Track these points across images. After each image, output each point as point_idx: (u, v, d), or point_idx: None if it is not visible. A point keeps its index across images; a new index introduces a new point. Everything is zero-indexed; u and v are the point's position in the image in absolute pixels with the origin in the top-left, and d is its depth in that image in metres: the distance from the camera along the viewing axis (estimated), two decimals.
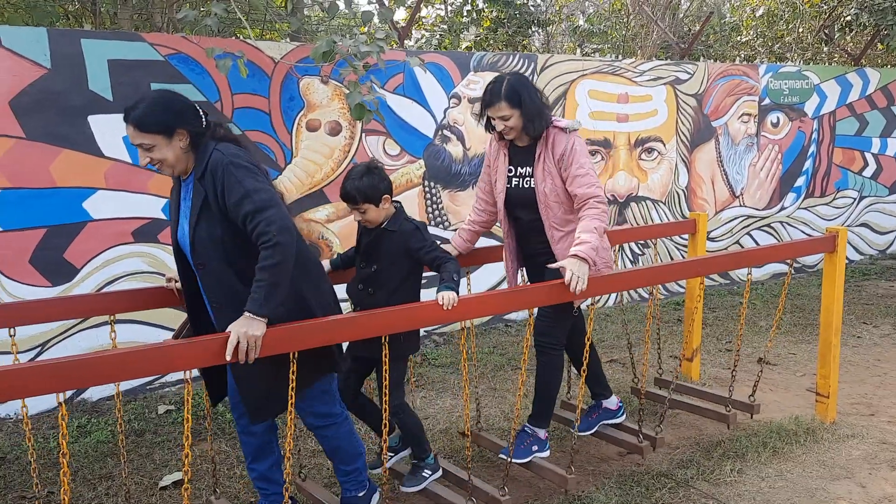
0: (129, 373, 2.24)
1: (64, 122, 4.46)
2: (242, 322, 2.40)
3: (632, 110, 7.02)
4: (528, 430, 3.56)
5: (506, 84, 3.23)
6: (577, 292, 2.99)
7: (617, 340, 5.91)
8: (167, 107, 2.54)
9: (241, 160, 2.55)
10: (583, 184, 3.21)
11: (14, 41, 4.29)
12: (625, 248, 7.20)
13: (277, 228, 2.46)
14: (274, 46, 5.20)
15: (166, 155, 2.55)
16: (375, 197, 3.01)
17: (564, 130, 3.29)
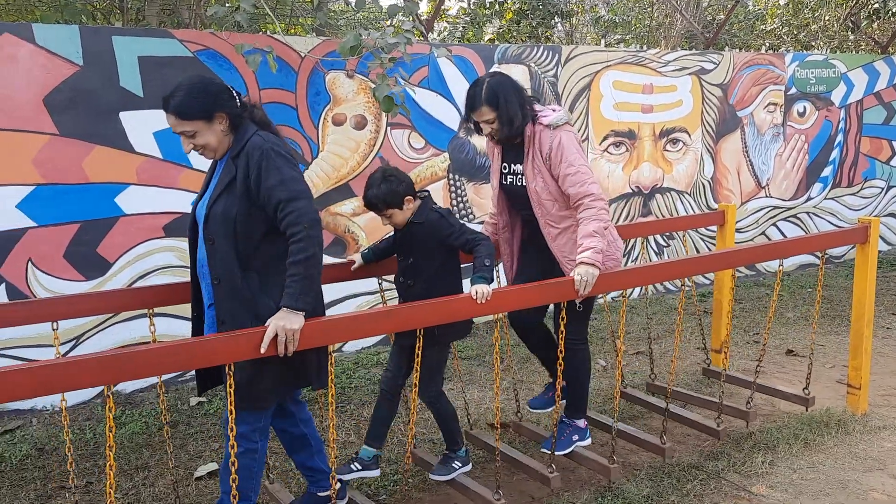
0: (172, 366, 2.28)
1: (96, 119, 4.52)
2: (281, 315, 2.43)
3: (656, 101, 6.99)
4: (566, 421, 3.59)
5: (485, 87, 3.19)
6: (583, 293, 3.03)
7: (642, 332, 5.90)
8: (205, 91, 2.57)
9: (281, 149, 2.60)
10: (574, 182, 3.14)
11: (47, 39, 4.35)
12: (650, 239, 7.17)
13: (309, 221, 2.49)
14: (301, 41, 5.24)
15: (209, 139, 2.59)
16: (397, 202, 3.05)
17: (549, 127, 3.21)
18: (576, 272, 3.03)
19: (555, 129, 3.19)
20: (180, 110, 2.53)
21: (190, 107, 2.53)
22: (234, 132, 2.64)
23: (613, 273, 3.24)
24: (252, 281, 2.60)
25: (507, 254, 3.60)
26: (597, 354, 5.43)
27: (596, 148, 6.70)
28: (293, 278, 2.47)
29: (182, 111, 2.53)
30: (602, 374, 5.04)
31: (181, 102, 2.53)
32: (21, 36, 4.28)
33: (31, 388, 2.06)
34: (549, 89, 6.37)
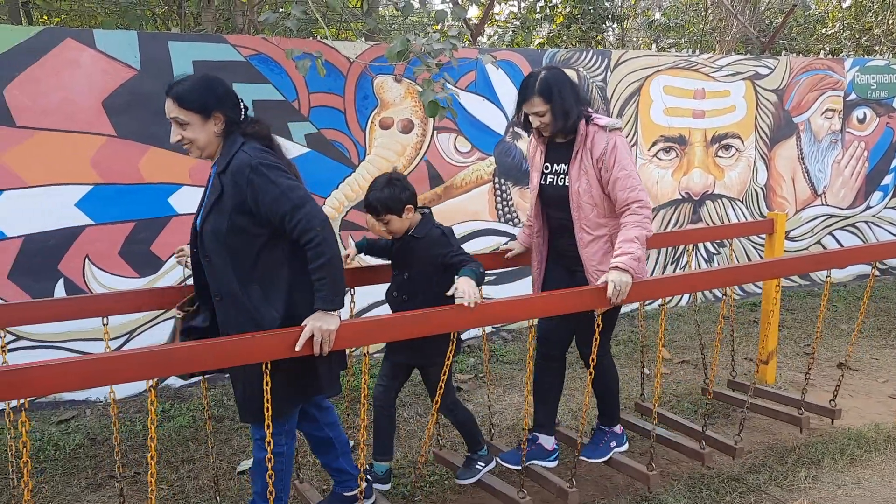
0: (210, 363, 2.35)
1: (151, 121, 4.68)
2: (317, 316, 2.46)
3: (708, 106, 6.88)
4: (603, 429, 3.59)
5: (540, 79, 3.14)
6: (616, 301, 2.94)
7: (689, 341, 5.82)
8: (210, 88, 2.56)
9: (269, 160, 2.53)
10: (625, 187, 3.08)
11: (107, 44, 4.52)
12: (700, 247, 7.07)
13: (319, 224, 2.48)
14: (349, 46, 5.32)
15: (198, 135, 2.56)
16: (398, 208, 3.02)
17: (605, 129, 3.16)
18: (609, 277, 2.94)
19: (610, 132, 3.15)
20: (181, 97, 2.52)
21: (191, 96, 2.52)
22: (225, 140, 2.61)
23: (647, 281, 3.17)
24: (254, 293, 2.57)
25: (536, 260, 3.52)
26: (640, 362, 5.36)
27: (645, 153, 6.63)
28: (321, 282, 2.48)
29: (182, 98, 2.52)
30: (647, 382, 4.98)
31: (185, 90, 2.52)
32: (83, 41, 4.46)
33: (78, 381, 2.15)
34: (598, 94, 6.33)
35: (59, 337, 4.54)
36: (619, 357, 5.47)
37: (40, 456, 3.95)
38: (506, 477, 3.47)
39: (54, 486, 3.68)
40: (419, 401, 4.67)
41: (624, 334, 6.05)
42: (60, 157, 4.45)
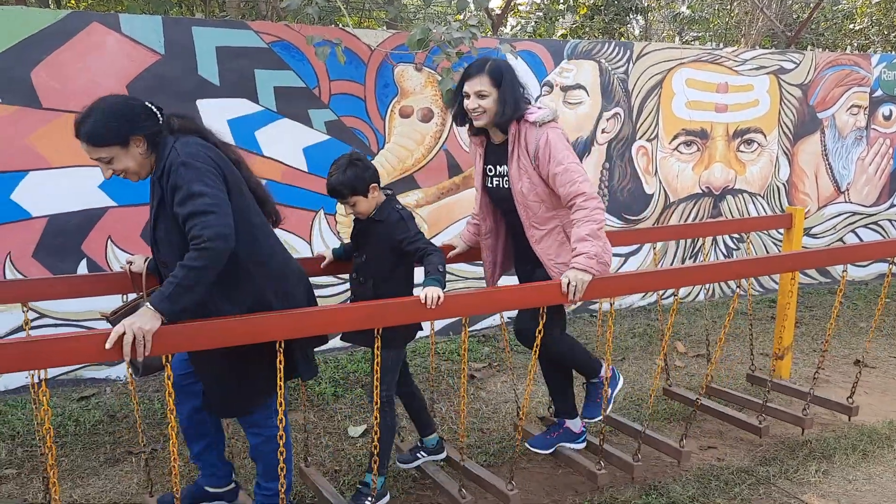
0: (221, 340, 2.40)
1: (174, 106, 4.67)
2: (139, 312, 2.27)
3: (731, 100, 6.83)
4: (558, 423, 3.58)
5: (492, 62, 3.06)
6: (573, 299, 2.88)
7: (705, 335, 5.80)
8: (118, 115, 2.43)
9: (194, 160, 2.43)
10: (564, 182, 2.97)
11: (132, 29, 4.59)
12: (718, 241, 7.03)
13: (211, 234, 2.34)
14: (371, 34, 5.35)
15: (127, 164, 2.47)
16: (362, 188, 2.93)
17: (535, 125, 3.03)
18: (567, 276, 2.88)
19: (541, 127, 3.02)
20: (91, 137, 2.41)
21: (102, 133, 2.40)
22: (155, 150, 2.51)
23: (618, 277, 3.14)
24: (214, 294, 2.51)
25: (488, 261, 3.43)
26: (655, 354, 5.37)
27: (666, 147, 6.60)
28: (172, 278, 2.33)
29: (94, 138, 2.41)
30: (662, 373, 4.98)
31: (92, 129, 2.40)
32: (108, 25, 4.53)
33: (96, 354, 2.22)
34: (620, 86, 6.31)
35: (79, 315, 4.63)
36: (633, 349, 5.48)
37: (61, 431, 4.05)
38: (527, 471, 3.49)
39: (74, 460, 3.76)
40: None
41: (640, 327, 6.05)
42: None
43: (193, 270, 2.32)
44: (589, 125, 6.22)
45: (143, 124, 2.46)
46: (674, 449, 3.42)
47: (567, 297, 2.88)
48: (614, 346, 5.42)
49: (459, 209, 5.71)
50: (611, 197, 6.42)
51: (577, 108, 6.14)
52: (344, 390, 4.68)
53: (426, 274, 2.79)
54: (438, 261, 2.85)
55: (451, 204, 5.70)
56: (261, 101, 4.99)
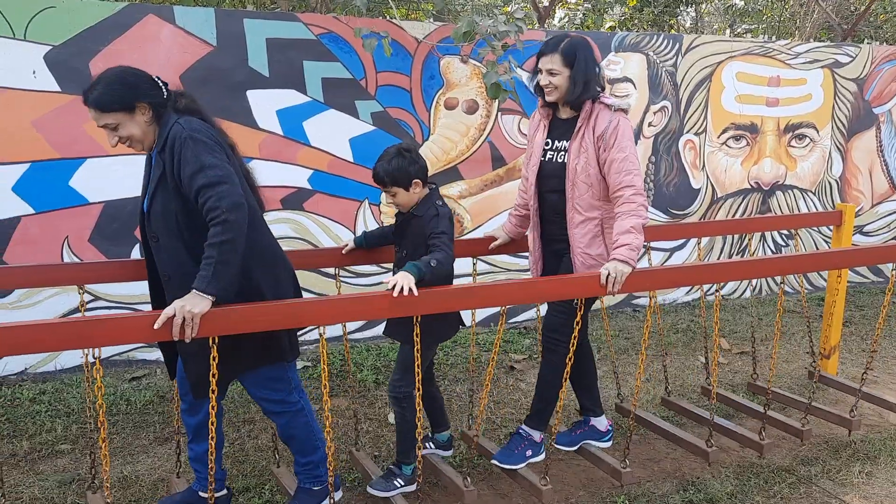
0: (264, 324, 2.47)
1: (226, 96, 4.86)
2: (187, 297, 2.33)
3: (783, 94, 6.70)
4: (523, 433, 3.32)
5: (567, 41, 3.06)
6: (613, 290, 2.84)
7: (750, 332, 5.73)
8: (124, 83, 2.51)
9: (200, 135, 2.49)
10: (620, 170, 2.97)
11: (186, 20, 4.71)
12: (767, 238, 6.92)
13: (228, 205, 2.38)
14: (418, 26, 5.39)
15: (132, 131, 2.53)
16: (405, 180, 2.91)
17: (610, 108, 3.05)
18: (606, 266, 2.86)
19: (615, 112, 3.05)
20: (100, 103, 2.48)
21: (109, 99, 2.47)
22: (158, 123, 2.57)
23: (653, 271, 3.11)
24: None
25: (533, 247, 3.38)
26: (698, 351, 5.32)
27: (714, 141, 6.51)
28: (207, 261, 2.37)
29: (101, 104, 2.48)
30: (701, 371, 4.94)
31: (100, 95, 2.47)
32: (163, 17, 4.65)
33: (146, 335, 2.31)
34: (668, 79, 6.24)
35: (132, 298, 4.79)
36: (676, 345, 5.43)
37: (113, 409, 4.20)
38: (565, 461, 3.51)
39: (125, 438, 3.91)
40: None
41: (683, 323, 5.99)
42: None
43: (224, 245, 2.37)
44: (635, 118, 6.17)
45: (148, 92, 2.53)
46: (700, 450, 3.38)
47: (605, 289, 2.84)
48: (657, 342, 5.39)
49: (503, 201, 5.72)
50: (656, 191, 6.36)
51: (623, 100, 6.08)
52: (385, 378, 4.75)
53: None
54: (439, 256, 2.79)
55: (494, 196, 5.72)
56: (309, 92, 5.07)
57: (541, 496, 3.03)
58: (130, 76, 2.55)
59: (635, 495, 3.32)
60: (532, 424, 3.33)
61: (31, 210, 4.53)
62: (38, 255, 4.54)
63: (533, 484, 3.08)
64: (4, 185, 4.44)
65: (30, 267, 3.12)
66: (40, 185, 4.52)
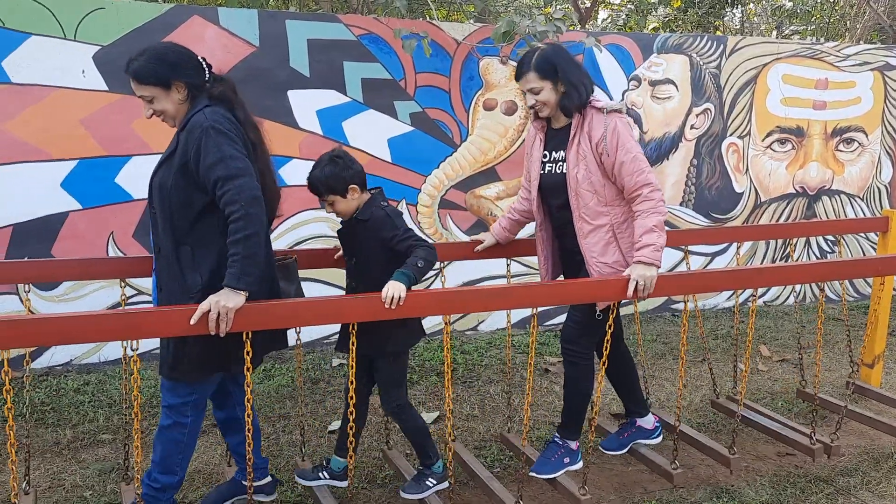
0: (306, 320, 2.53)
1: (268, 96, 4.93)
2: (221, 292, 2.36)
3: (831, 97, 6.55)
4: (558, 441, 3.26)
5: (538, 54, 2.94)
6: (643, 295, 2.76)
7: (791, 340, 5.62)
8: (163, 59, 2.55)
9: (222, 126, 2.49)
10: (632, 171, 2.86)
11: (230, 21, 4.79)
12: (812, 243, 6.77)
13: (247, 199, 2.40)
14: (457, 27, 5.41)
15: (166, 107, 2.57)
16: (340, 188, 2.81)
17: (602, 111, 2.93)
18: (633, 272, 2.78)
19: (609, 114, 2.92)
20: (139, 74, 2.54)
21: (148, 72, 2.53)
22: (191, 105, 2.59)
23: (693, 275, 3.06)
24: (184, 255, 2.55)
25: (542, 254, 3.31)
26: (738, 357, 5.23)
27: (758, 144, 6.40)
28: (234, 258, 2.39)
29: (140, 75, 2.54)
30: (741, 378, 4.86)
31: (141, 67, 2.53)
32: (208, 18, 4.75)
33: (183, 328, 2.36)
34: (711, 81, 6.16)
35: None
36: (715, 351, 5.35)
37: (153, 401, 4.29)
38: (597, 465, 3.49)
39: None
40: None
41: (723, 329, 5.90)
42: None
43: (247, 240, 2.39)
44: (677, 121, 6.10)
45: (187, 72, 2.57)
46: (722, 457, 3.31)
47: (633, 294, 2.77)
48: (695, 347, 5.31)
49: None
50: (698, 194, 6.27)
51: (665, 102, 6.03)
52: (419, 377, 4.78)
53: (404, 265, 2.66)
54: (423, 255, 2.71)
55: None
56: (349, 93, 5.13)
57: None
58: (173, 54, 2.59)
59: (667, 501, 3.28)
60: (566, 434, 3.27)
61: (79, 206, 4.66)
62: (84, 249, 4.67)
63: (572, 493, 3.04)
64: (54, 181, 4.58)
65: (75, 260, 3.22)
66: (88, 182, 4.65)
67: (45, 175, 4.53)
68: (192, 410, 2.70)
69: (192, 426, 2.72)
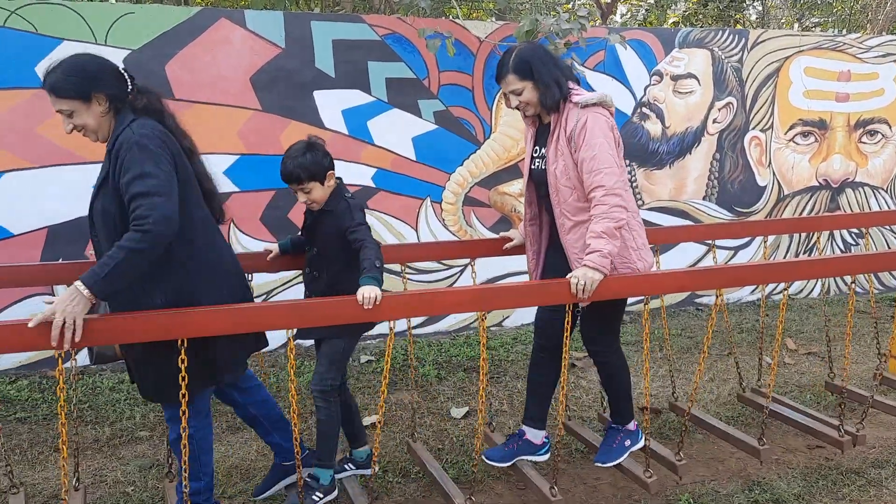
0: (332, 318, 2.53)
1: (293, 96, 4.99)
2: (69, 291, 2.19)
3: (853, 89, 6.53)
4: (616, 427, 3.30)
5: (514, 55, 2.92)
6: (583, 297, 2.70)
7: (818, 333, 5.62)
8: (83, 70, 2.43)
9: (148, 141, 2.40)
10: (590, 170, 2.79)
11: (256, 24, 4.86)
12: (836, 236, 6.75)
13: (157, 216, 2.29)
14: (480, 26, 5.44)
15: (87, 121, 2.45)
16: (320, 173, 2.81)
17: (577, 105, 2.86)
18: (575, 273, 2.73)
19: (584, 108, 2.85)
20: (55, 88, 2.41)
21: (65, 85, 2.41)
22: (116, 117, 2.49)
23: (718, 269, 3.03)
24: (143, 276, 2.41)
25: (531, 251, 3.29)
26: (764, 351, 5.23)
27: (780, 137, 6.39)
28: (108, 259, 2.25)
29: (57, 88, 2.41)
30: (766, 372, 4.87)
31: (58, 80, 2.41)
32: (235, 21, 4.82)
33: (231, 326, 2.40)
34: (733, 75, 6.15)
35: None
36: (741, 345, 5.37)
37: None
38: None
39: None
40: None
41: (748, 322, 5.91)
42: (212, 129, 4.85)
43: (132, 252, 2.26)
44: (699, 115, 6.10)
45: (107, 84, 2.46)
46: (752, 448, 3.32)
47: (575, 297, 2.71)
48: (720, 340, 5.33)
49: None
50: (721, 188, 6.27)
51: (687, 97, 6.04)
52: (447, 373, 4.83)
53: (362, 271, 2.62)
54: (374, 256, 2.69)
55: None
56: (373, 92, 5.18)
57: (647, 488, 3.06)
58: (92, 65, 2.47)
59: (699, 493, 3.31)
60: (619, 420, 3.29)
61: None
62: None
63: (638, 476, 3.11)
64: (87, 183, 4.60)
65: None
66: None
67: (79, 177, 4.61)
68: (193, 420, 2.63)
69: (199, 434, 2.69)
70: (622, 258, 2.92)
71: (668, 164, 6.06)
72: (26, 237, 4.57)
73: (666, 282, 3.00)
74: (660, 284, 3.01)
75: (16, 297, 4.58)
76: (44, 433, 3.96)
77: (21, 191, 4.52)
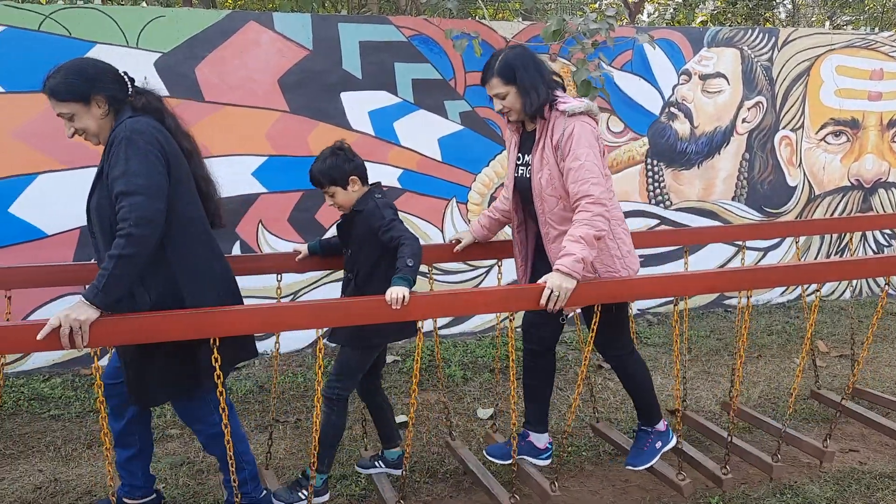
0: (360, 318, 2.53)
1: (321, 98, 5.03)
2: (72, 305, 2.24)
3: (886, 88, 6.43)
4: (646, 429, 3.26)
5: (500, 58, 2.87)
6: (551, 308, 2.62)
7: (847, 335, 5.53)
8: (81, 73, 2.46)
9: (140, 138, 2.40)
10: (576, 179, 2.74)
11: (284, 26, 4.90)
12: (868, 237, 6.65)
13: (136, 218, 2.29)
14: (506, 26, 5.44)
15: (87, 124, 2.48)
16: (342, 179, 2.85)
17: (564, 113, 2.82)
18: (549, 280, 2.62)
19: (570, 117, 2.81)
20: (55, 91, 2.44)
21: (65, 88, 2.44)
22: (115, 120, 2.51)
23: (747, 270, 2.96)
24: None
25: (520, 256, 3.24)
26: (793, 353, 5.18)
27: (812, 137, 6.30)
28: (102, 271, 2.27)
29: (57, 92, 2.44)
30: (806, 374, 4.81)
31: (57, 83, 2.44)
32: (263, 24, 4.86)
33: (259, 325, 2.42)
34: (763, 74, 6.09)
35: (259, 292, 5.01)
36: (770, 347, 5.31)
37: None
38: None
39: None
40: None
41: (778, 324, 5.84)
42: (241, 130, 4.89)
43: (122, 259, 2.27)
44: (728, 115, 6.04)
45: (106, 85, 2.48)
46: (817, 449, 3.29)
47: (545, 304, 2.62)
48: (750, 343, 5.27)
49: None
50: (750, 189, 6.21)
51: (716, 97, 5.98)
52: (473, 373, 4.82)
53: (395, 270, 2.61)
54: (409, 254, 2.68)
55: None
56: (399, 93, 5.20)
57: (681, 490, 3.04)
58: (91, 68, 2.50)
59: (730, 497, 3.28)
60: (647, 422, 3.26)
61: None
62: None
63: (671, 480, 3.10)
64: None
65: None
66: None
67: None
68: (216, 414, 2.64)
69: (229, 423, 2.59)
70: (606, 266, 2.91)
71: (697, 165, 6.00)
72: (60, 237, 4.65)
73: (694, 283, 2.97)
74: (689, 285, 2.99)
75: (50, 295, 4.65)
76: (77, 430, 4.02)
77: (54, 192, 4.60)
